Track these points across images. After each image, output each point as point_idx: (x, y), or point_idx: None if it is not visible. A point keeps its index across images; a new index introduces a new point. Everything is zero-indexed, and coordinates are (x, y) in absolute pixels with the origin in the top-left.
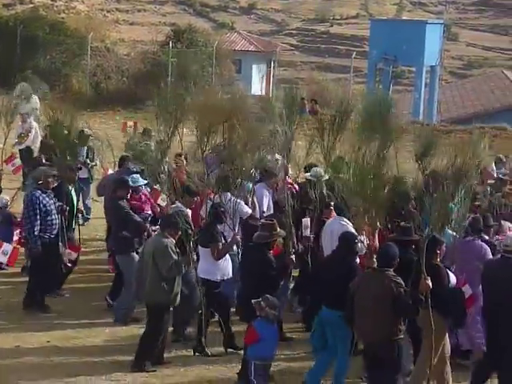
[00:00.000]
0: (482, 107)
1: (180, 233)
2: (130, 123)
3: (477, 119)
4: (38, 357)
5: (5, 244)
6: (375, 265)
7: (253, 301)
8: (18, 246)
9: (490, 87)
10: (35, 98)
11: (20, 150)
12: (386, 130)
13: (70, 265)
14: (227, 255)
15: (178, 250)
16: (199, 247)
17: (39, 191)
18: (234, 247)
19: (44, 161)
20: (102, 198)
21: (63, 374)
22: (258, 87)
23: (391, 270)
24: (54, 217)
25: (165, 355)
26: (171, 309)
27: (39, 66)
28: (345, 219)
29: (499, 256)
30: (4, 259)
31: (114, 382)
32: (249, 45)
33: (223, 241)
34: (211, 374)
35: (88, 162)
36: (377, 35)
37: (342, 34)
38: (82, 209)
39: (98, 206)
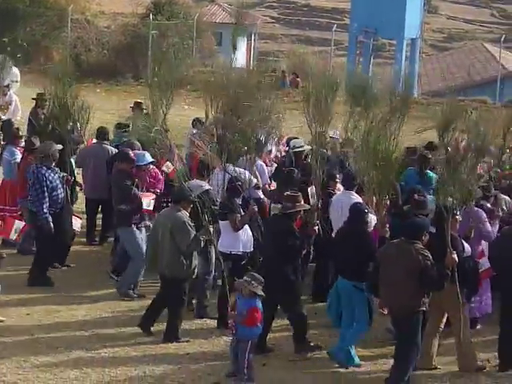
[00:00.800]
0: (463, 80)
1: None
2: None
3: (457, 92)
4: (19, 331)
5: (16, 221)
6: (387, 234)
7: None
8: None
9: (470, 60)
10: (15, 70)
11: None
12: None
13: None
14: (248, 229)
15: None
16: (219, 222)
17: (44, 167)
18: None
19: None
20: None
21: (43, 347)
22: (239, 60)
23: (419, 242)
24: (59, 191)
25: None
26: None
27: (19, 38)
28: (354, 193)
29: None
30: (15, 237)
31: (95, 354)
32: (229, 17)
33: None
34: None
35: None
36: (357, 8)
37: (323, 6)
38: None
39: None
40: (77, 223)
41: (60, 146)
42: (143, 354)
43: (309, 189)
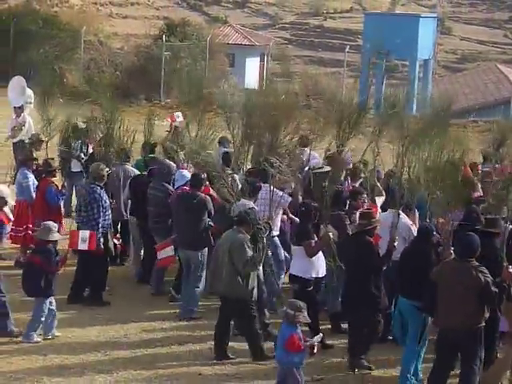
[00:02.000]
0: (476, 101)
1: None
2: (178, 113)
3: (470, 113)
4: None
5: (81, 232)
6: (453, 256)
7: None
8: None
9: (483, 81)
10: (29, 92)
11: (13, 144)
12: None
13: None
14: (321, 254)
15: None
16: (292, 246)
17: (98, 187)
18: None
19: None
20: None
21: (56, 368)
22: (251, 81)
23: (474, 259)
24: (109, 211)
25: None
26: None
27: (32, 59)
28: (401, 212)
29: None
30: (84, 246)
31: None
32: (242, 38)
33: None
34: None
35: (82, 155)
36: (370, 29)
37: (336, 27)
38: None
39: None
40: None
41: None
42: (156, 374)
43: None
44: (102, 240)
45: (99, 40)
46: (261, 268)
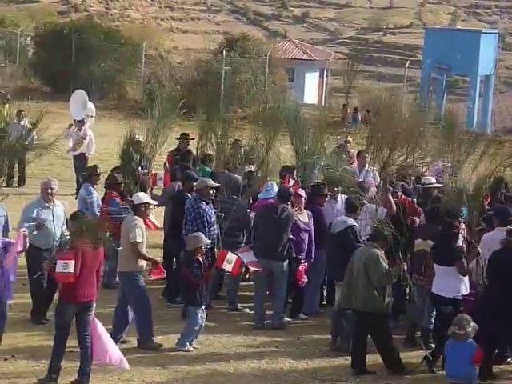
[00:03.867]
0: None
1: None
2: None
3: None
4: None
5: (229, 253)
6: None
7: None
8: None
9: None
10: (90, 105)
11: (74, 157)
12: None
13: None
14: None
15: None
16: (437, 266)
17: (203, 202)
18: None
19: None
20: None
21: None
22: (310, 96)
23: None
24: (215, 226)
25: None
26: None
27: (94, 73)
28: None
29: None
30: (229, 268)
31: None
32: (302, 53)
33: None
34: None
35: (140, 169)
36: (431, 44)
37: (396, 43)
38: None
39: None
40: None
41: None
42: None
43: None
44: (208, 254)
45: (160, 54)
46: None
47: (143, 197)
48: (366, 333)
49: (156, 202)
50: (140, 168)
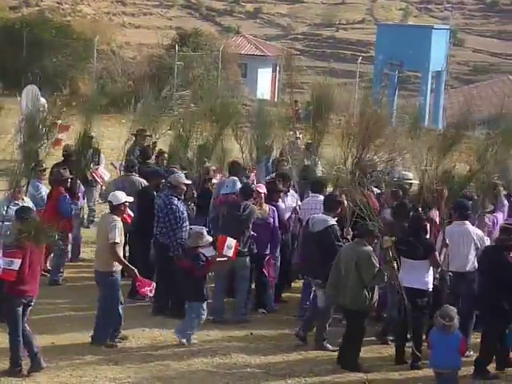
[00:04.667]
0: (488, 113)
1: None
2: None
3: (483, 125)
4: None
5: (228, 239)
6: None
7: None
8: None
9: (496, 93)
10: (42, 101)
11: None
12: None
13: None
14: None
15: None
16: (406, 259)
17: (176, 198)
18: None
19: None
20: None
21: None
22: (263, 91)
23: None
24: (187, 223)
25: None
26: None
27: (46, 68)
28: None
29: None
30: (230, 253)
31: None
32: (255, 49)
33: None
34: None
35: (92, 165)
36: (383, 40)
37: (348, 38)
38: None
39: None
40: None
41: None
42: None
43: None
44: (180, 251)
45: (112, 49)
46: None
47: (121, 196)
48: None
49: (132, 199)
50: (92, 164)
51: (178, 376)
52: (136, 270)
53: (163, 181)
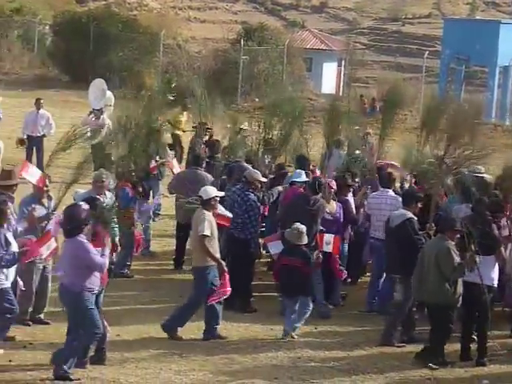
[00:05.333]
0: None
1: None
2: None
3: None
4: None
5: (325, 235)
6: None
7: None
8: None
9: None
10: (109, 94)
11: (92, 146)
12: None
13: None
14: None
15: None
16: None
17: (252, 193)
18: None
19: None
20: None
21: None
22: (328, 86)
23: None
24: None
25: None
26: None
27: (112, 62)
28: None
29: None
30: (329, 248)
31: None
32: (320, 43)
33: None
34: None
35: (157, 158)
36: (450, 35)
37: (414, 33)
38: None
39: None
40: None
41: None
42: None
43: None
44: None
45: (177, 44)
46: None
47: (211, 191)
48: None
49: (223, 193)
50: (158, 157)
51: (242, 369)
52: (224, 265)
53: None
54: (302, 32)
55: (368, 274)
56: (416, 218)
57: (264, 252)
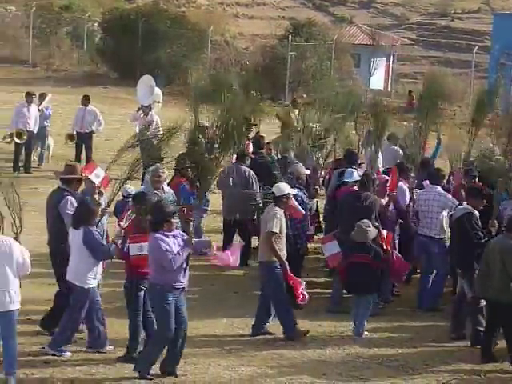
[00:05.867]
0: None
1: None
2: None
3: None
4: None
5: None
6: None
7: None
8: None
9: None
10: (157, 91)
11: (141, 142)
12: None
13: None
14: None
15: None
16: None
17: (299, 189)
18: None
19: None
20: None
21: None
22: (376, 82)
23: None
24: None
25: None
26: None
27: (160, 59)
28: None
29: None
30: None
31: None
32: (368, 39)
33: None
34: None
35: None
36: (500, 29)
37: (463, 28)
38: None
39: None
40: None
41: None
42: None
43: None
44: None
45: (225, 40)
46: None
47: (284, 188)
48: (499, 323)
49: (295, 191)
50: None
51: (291, 365)
52: (287, 264)
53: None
54: (350, 27)
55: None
56: (478, 214)
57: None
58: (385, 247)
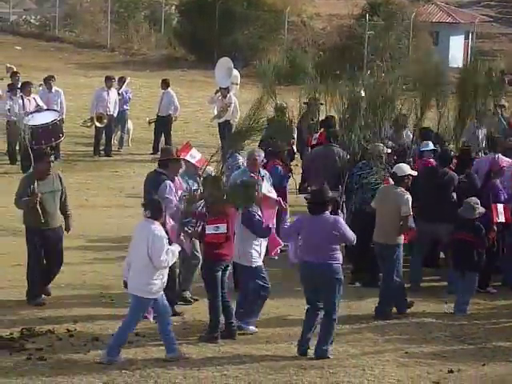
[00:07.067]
0: None
1: None
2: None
3: None
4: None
5: (498, 205)
6: None
7: None
8: None
9: None
10: (235, 73)
11: (219, 124)
12: None
13: None
14: None
15: None
16: None
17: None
18: None
19: None
20: None
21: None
22: (455, 60)
23: None
24: None
25: None
26: None
27: (237, 41)
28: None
29: None
30: (502, 218)
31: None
32: (446, 16)
33: None
34: None
35: None
36: None
37: None
38: None
39: None
40: None
41: None
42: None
43: None
44: None
45: (302, 21)
46: None
47: (406, 169)
48: None
49: (415, 173)
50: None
51: (373, 344)
52: None
53: None
54: (428, 5)
55: None
56: None
57: None
58: (503, 221)
